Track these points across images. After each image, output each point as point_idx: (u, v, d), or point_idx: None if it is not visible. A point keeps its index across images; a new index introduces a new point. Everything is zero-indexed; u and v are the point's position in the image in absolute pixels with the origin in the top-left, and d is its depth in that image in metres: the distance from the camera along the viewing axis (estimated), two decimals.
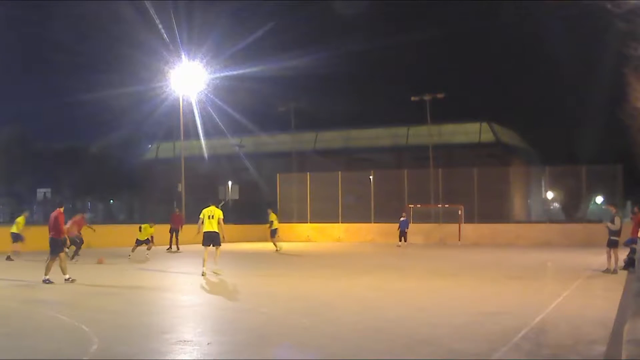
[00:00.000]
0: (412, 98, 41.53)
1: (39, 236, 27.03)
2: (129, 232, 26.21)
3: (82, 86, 71.82)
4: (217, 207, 16.02)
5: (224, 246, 27.03)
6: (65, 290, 12.64)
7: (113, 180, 65.02)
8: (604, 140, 47.19)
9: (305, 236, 35.77)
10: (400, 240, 28.83)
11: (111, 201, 75.58)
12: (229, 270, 18.08)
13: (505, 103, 74.06)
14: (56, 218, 13.71)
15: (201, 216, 15.79)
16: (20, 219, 21.12)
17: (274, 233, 25.30)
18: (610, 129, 40.04)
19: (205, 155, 54.14)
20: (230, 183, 48.96)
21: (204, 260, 15.32)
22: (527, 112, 75.53)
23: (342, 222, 36.06)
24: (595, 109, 49.33)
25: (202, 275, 14.94)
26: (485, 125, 55.54)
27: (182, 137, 37.18)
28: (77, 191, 70.56)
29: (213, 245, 15.56)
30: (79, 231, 19.75)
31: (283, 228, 36.58)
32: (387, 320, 9.01)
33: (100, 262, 19.00)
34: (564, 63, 65.44)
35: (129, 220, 65.53)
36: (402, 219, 29.58)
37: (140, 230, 21.95)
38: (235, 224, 40.03)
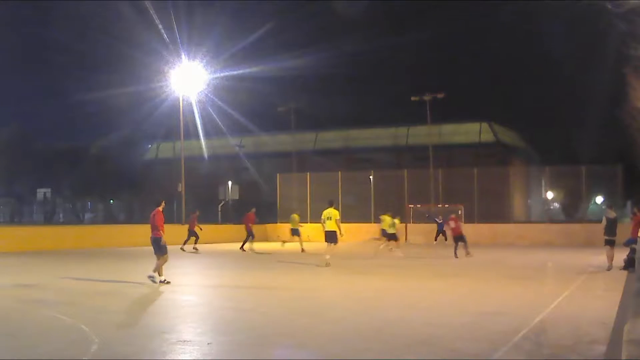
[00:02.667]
0: (412, 98, 41.50)
1: (35, 236, 27.14)
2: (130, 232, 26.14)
3: (82, 86, 71.85)
4: (335, 209, 18.42)
5: (227, 246, 27.13)
6: (65, 290, 12.64)
7: (113, 180, 65.01)
8: (604, 140, 47.22)
9: (305, 236, 35.72)
10: (439, 239, 29.23)
11: (111, 201, 75.53)
12: (228, 271, 18.09)
13: (505, 103, 74.05)
14: (154, 217, 13.30)
15: (323, 217, 18.26)
16: (295, 216, 26.51)
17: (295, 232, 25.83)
18: (610, 129, 40.10)
19: (205, 155, 54.15)
20: (230, 183, 48.94)
21: (326, 253, 18.04)
22: (527, 112, 75.56)
23: (342, 222, 36.01)
24: (595, 109, 49.29)
25: (327, 265, 17.47)
26: (485, 125, 55.54)
27: (182, 137, 37.16)
28: (77, 191, 70.53)
29: (331, 243, 18.05)
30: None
31: (283, 228, 36.65)
32: (387, 320, 9.00)
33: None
34: (564, 63, 65.43)
35: (129, 220, 65.52)
36: (439, 221, 29.59)
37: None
38: (235, 224, 40.08)
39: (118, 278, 15.00)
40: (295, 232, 26.26)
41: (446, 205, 35.34)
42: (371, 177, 38.56)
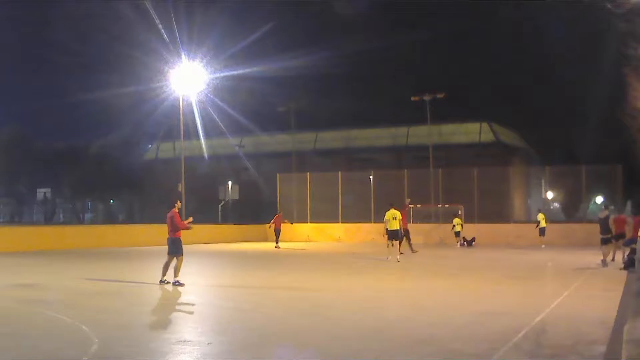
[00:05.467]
0: (412, 98, 41.52)
1: (33, 236, 27.14)
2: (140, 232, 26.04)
3: (82, 86, 71.73)
4: (396, 209, 19.73)
5: (228, 246, 27.13)
6: (65, 290, 12.64)
7: (113, 180, 64.93)
8: (604, 140, 47.17)
9: (305, 236, 35.76)
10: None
11: (111, 201, 75.51)
12: (228, 271, 18.10)
13: (505, 103, 74.01)
14: (172, 217, 13.22)
15: (387, 217, 19.47)
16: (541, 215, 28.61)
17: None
18: (610, 129, 40.06)
19: (205, 155, 54.12)
20: (230, 183, 48.96)
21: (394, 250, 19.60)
22: (527, 112, 75.47)
23: (342, 222, 36.05)
24: (595, 109, 49.28)
25: (398, 261, 19.10)
26: (485, 125, 55.57)
27: (182, 137, 37.12)
28: (77, 191, 70.48)
29: (395, 240, 19.63)
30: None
31: (283, 228, 36.64)
32: (387, 320, 9.00)
33: None
34: (564, 63, 65.39)
35: (129, 220, 65.54)
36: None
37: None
38: (235, 223, 40.12)
39: (118, 278, 15.01)
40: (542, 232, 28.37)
41: (446, 205, 35.36)
42: (371, 177, 38.57)
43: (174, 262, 13.16)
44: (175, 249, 13.14)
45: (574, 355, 6.82)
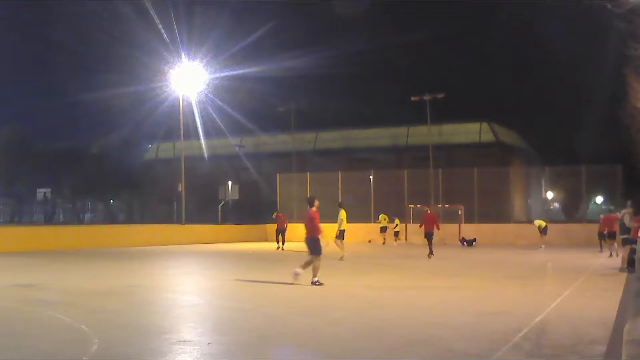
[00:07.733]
0: (412, 98, 41.55)
1: (31, 236, 27.14)
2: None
3: (82, 86, 71.65)
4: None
5: (227, 246, 27.09)
6: (65, 290, 12.63)
7: (113, 180, 65.00)
8: (604, 140, 47.25)
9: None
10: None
11: (111, 201, 75.52)
12: (228, 270, 18.09)
13: (505, 103, 74.06)
14: (312, 217, 13.29)
15: (342, 217, 20.41)
16: (385, 216, 31.16)
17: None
18: (610, 129, 40.13)
19: (205, 155, 54.17)
20: (230, 183, 48.99)
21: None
22: (527, 112, 75.59)
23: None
24: (595, 109, 49.37)
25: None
26: (485, 125, 55.62)
27: (182, 137, 37.16)
28: (77, 191, 70.52)
29: (342, 239, 20.59)
30: None
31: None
32: (387, 320, 9.00)
33: None
34: (564, 63, 65.43)
35: (129, 220, 65.55)
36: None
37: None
38: (235, 223, 40.10)
39: (118, 278, 15.01)
40: (383, 229, 30.88)
41: (446, 205, 35.35)
42: (371, 177, 38.57)
43: (317, 261, 13.07)
44: (315, 249, 13.09)
45: (574, 355, 6.82)
